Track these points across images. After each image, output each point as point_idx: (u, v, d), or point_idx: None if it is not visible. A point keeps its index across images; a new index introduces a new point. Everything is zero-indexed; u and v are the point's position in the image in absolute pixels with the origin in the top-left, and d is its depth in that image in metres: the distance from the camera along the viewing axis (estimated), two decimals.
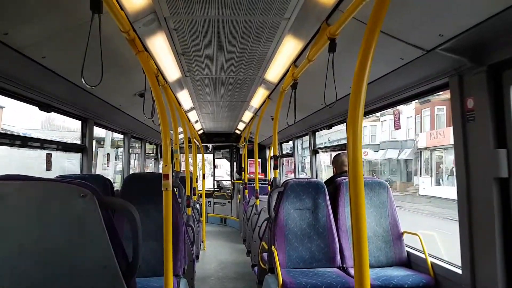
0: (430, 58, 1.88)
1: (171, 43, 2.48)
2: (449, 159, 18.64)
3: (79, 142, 3.55)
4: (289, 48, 2.53)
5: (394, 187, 21.84)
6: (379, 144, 25.18)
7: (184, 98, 4.23)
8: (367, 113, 3.16)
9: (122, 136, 5.01)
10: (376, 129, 25.49)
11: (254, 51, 2.73)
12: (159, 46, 2.45)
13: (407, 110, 22.61)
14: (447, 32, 1.64)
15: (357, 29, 1.78)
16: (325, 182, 3.09)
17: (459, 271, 2.05)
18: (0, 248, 1.21)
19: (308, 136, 5.08)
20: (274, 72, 3.14)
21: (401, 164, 24.06)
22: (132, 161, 6.16)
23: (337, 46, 1.88)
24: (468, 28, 1.55)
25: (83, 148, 3.45)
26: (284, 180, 3.05)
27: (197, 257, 4.75)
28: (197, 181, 6.22)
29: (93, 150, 3.64)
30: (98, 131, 3.66)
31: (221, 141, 8.64)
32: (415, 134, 22.55)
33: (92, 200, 1.21)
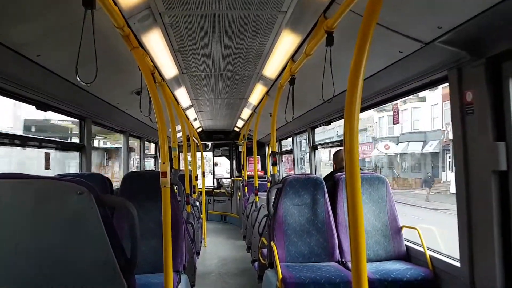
0: (428, 51, 1.87)
1: (167, 39, 2.47)
2: None
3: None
4: (286, 43, 2.51)
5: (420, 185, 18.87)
6: (398, 136, 22.18)
7: (182, 95, 4.21)
8: (365, 108, 3.15)
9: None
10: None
11: (251, 46, 2.71)
12: (155, 43, 2.43)
13: (432, 96, 19.83)
14: (446, 24, 1.63)
15: (354, 23, 1.76)
16: (324, 178, 3.08)
17: (458, 264, 2.05)
18: None
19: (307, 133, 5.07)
20: (272, 67, 3.12)
21: (426, 158, 20.86)
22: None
23: (335, 40, 1.86)
24: (467, 20, 1.54)
25: (82, 147, 3.44)
26: (283, 176, 3.05)
27: (198, 253, 4.76)
28: (196, 179, 6.22)
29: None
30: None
31: (220, 139, 8.62)
32: (443, 123, 19.57)
33: (89, 198, 1.21)
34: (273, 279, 2.55)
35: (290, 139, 6.05)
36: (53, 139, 3.24)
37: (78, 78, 1.47)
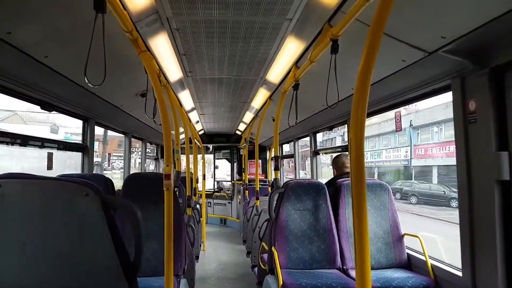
0: (432, 60, 1.88)
1: (173, 43, 2.49)
2: None
3: None
4: (291, 49, 2.53)
5: None
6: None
7: (186, 98, 4.23)
8: (368, 115, 3.17)
9: None
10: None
11: (256, 52, 2.74)
12: (162, 46, 2.46)
13: None
14: (450, 34, 1.64)
15: (359, 31, 1.78)
16: (325, 184, 3.08)
17: (460, 274, 2.04)
18: (3, 247, 1.21)
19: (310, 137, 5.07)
20: (276, 73, 3.15)
21: None
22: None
23: (339, 47, 1.88)
24: (471, 30, 1.55)
25: (84, 148, 3.46)
26: (285, 181, 3.06)
27: (197, 257, 4.74)
28: (197, 182, 6.22)
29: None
30: None
31: (222, 142, 8.64)
32: None
33: (94, 199, 1.21)
34: (273, 285, 2.54)
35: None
36: (55, 138, 3.25)
37: (86, 80, 1.49)
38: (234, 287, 4.23)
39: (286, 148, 6.65)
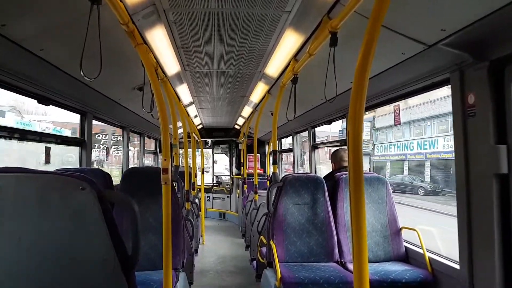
0: (431, 53, 1.87)
1: (171, 36, 2.46)
2: None
3: None
4: (289, 42, 2.51)
5: None
6: None
7: (184, 92, 4.21)
8: (367, 108, 3.16)
9: None
10: None
11: (255, 45, 2.71)
12: (159, 39, 2.43)
13: None
14: (449, 27, 1.63)
15: (358, 23, 1.76)
16: (324, 178, 3.09)
17: (457, 266, 2.06)
18: None
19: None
20: (274, 66, 3.12)
21: None
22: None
23: (338, 40, 1.86)
24: (471, 23, 1.54)
25: (82, 142, 3.44)
26: (283, 175, 3.06)
27: (196, 251, 4.78)
28: (196, 176, 6.23)
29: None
30: None
31: (221, 136, 8.62)
32: None
33: (91, 193, 1.21)
34: (271, 278, 2.56)
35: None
36: (53, 133, 3.24)
37: (82, 73, 1.47)
38: (233, 281, 4.26)
39: (289, 141, 6.64)
